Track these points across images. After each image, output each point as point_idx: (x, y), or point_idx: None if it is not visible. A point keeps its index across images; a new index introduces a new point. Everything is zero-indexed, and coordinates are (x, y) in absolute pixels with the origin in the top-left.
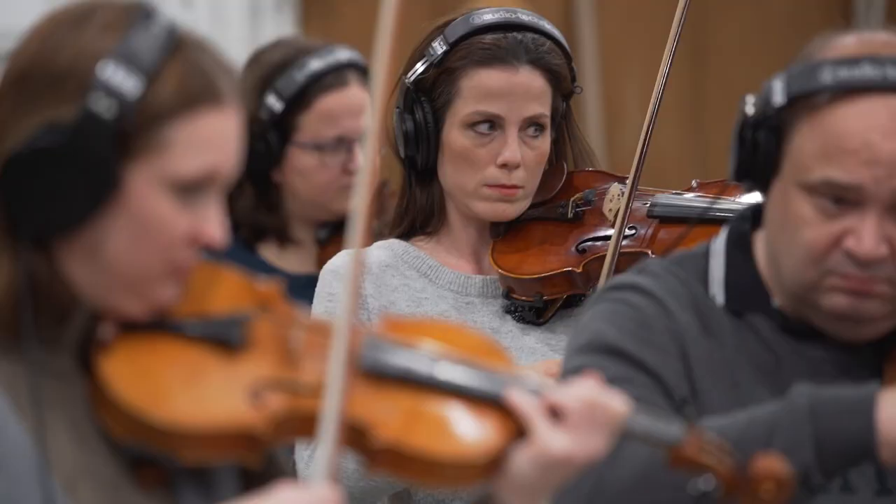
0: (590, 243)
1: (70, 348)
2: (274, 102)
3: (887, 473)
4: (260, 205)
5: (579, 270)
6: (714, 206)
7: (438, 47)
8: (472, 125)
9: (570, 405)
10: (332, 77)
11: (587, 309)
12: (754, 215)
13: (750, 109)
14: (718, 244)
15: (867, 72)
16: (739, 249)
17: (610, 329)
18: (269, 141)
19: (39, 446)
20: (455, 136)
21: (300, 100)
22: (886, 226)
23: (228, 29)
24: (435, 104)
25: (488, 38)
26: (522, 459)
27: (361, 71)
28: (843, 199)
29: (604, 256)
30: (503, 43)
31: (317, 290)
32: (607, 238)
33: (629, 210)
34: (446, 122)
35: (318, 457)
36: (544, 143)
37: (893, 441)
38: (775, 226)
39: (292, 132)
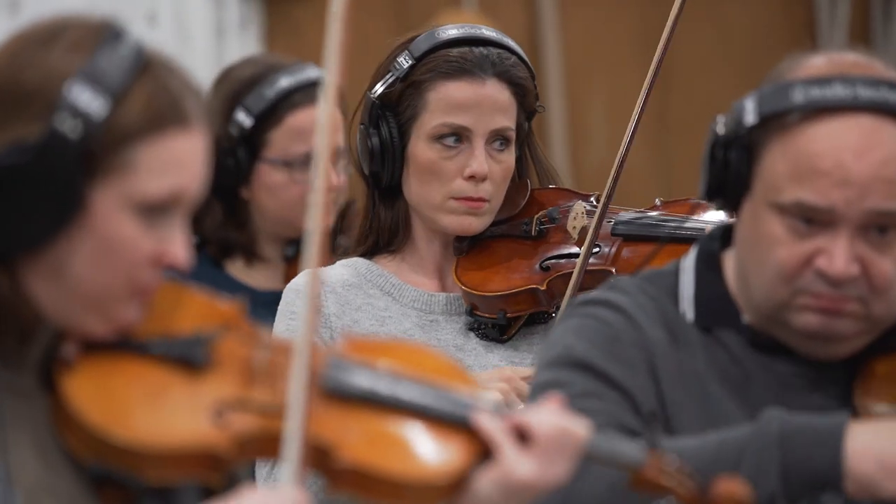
0: (554, 261)
1: (33, 367)
2: (243, 118)
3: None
4: (228, 221)
5: (543, 288)
6: (681, 224)
7: (404, 62)
8: (438, 138)
9: (538, 430)
10: (302, 94)
11: (558, 324)
12: (723, 234)
13: (721, 129)
14: (688, 262)
15: (838, 91)
16: (709, 267)
17: (579, 343)
18: (237, 157)
19: (2, 464)
20: (421, 149)
21: (270, 116)
22: (857, 245)
23: (193, 47)
24: (400, 119)
25: (454, 51)
26: (487, 482)
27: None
28: (814, 219)
29: (568, 274)
30: (469, 56)
31: (279, 307)
32: (571, 255)
33: (598, 228)
34: (412, 136)
35: (281, 476)
36: (510, 157)
37: (858, 475)
38: (746, 245)
39: (261, 148)
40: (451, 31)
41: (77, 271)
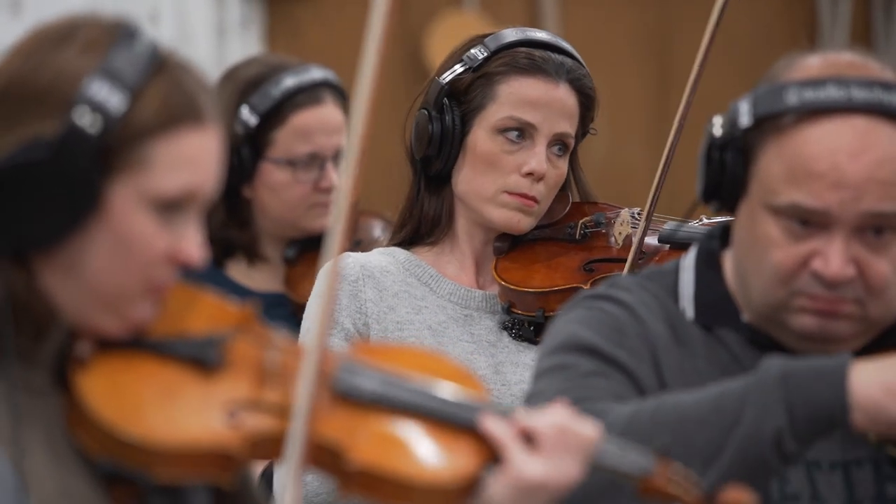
0: (598, 263)
1: (46, 365)
2: (248, 117)
3: (855, 486)
4: (230, 221)
5: (587, 287)
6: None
7: (479, 53)
8: (503, 130)
9: (543, 430)
10: (308, 94)
11: (559, 316)
12: (723, 234)
13: (717, 130)
14: (688, 261)
15: (832, 93)
16: (708, 267)
17: (584, 331)
18: (241, 155)
19: (17, 471)
20: (482, 139)
21: (275, 115)
22: (853, 246)
23: (195, 47)
24: (465, 108)
25: (531, 50)
26: (497, 486)
27: (335, 89)
28: (810, 221)
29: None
30: (547, 57)
31: (314, 290)
32: (615, 260)
33: (644, 234)
34: (474, 126)
35: (283, 476)
36: (565, 164)
37: (865, 404)
38: (743, 245)
39: (265, 147)
40: (528, 33)
41: (92, 268)
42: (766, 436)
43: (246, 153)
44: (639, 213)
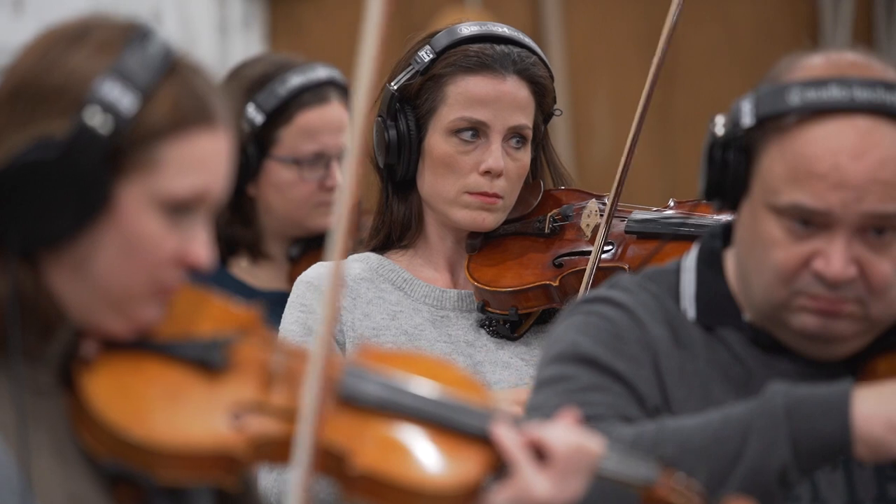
0: (567, 258)
1: (52, 365)
2: (254, 115)
3: (857, 486)
4: (234, 219)
5: (556, 284)
6: (688, 222)
7: (425, 55)
8: (456, 132)
9: (556, 448)
10: (313, 93)
11: (560, 321)
12: (725, 232)
13: (719, 129)
14: (689, 261)
15: (834, 93)
16: (710, 266)
17: (583, 339)
18: (247, 154)
19: (24, 473)
20: (438, 142)
21: (281, 114)
22: (855, 247)
23: (197, 45)
24: (419, 112)
25: (475, 47)
26: (502, 496)
27: (341, 88)
28: (811, 221)
29: (581, 271)
30: (491, 52)
31: (290, 299)
32: (584, 253)
33: (609, 225)
34: (429, 130)
35: (291, 481)
36: (525, 155)
37: (868, 438)
38: (745, 245)
39: (271, 146)
40: (473, 28)
41: (100, 268)
42: (771, 470)
43: (251, 151)
44: (604, 203)
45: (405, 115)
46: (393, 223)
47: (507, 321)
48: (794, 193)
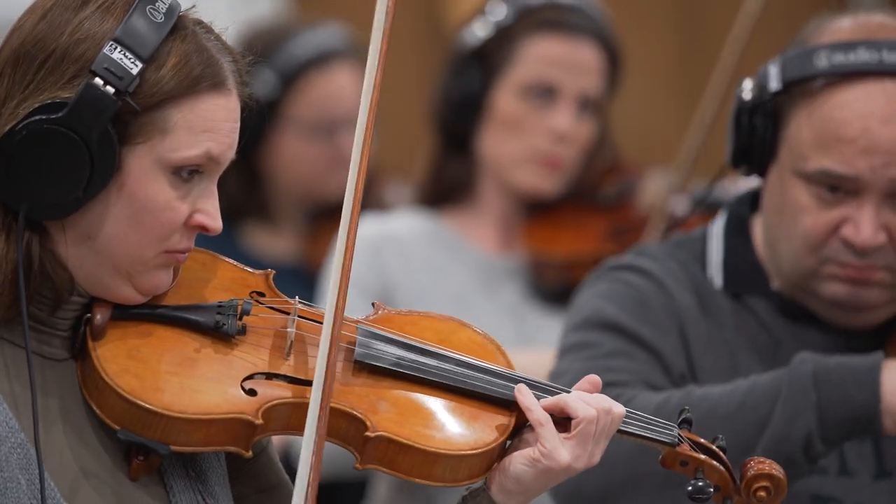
0: (625, 229)
1: (64, 333)
2: (268, 79)
3: (885, 456)
4: (241, 184)
5: (612, 253)
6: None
7: (500, 12)
8: (528, 92)
9: (579, 413)
10: (324, 60)
11: (584, 288)
12: (752, 199)
13: (746, 94)
14: (717, 228)
15: (863, 56)
16: (738, 233)
17: (608, 306)
18: (258, 119)
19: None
20: (507, 101)
21: (292, 80)
22: (884, 213)
23: (220, 6)
24: (488, 69)
25: (554, 9)
26: (522, 459)
27: (353, 55)
28: (840, 187)
29: (638, 242)
30: (570, 16)
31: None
32: (641, 227)
33: (668, 201)
34: (498, 88)
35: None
36: (592, 124)
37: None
38: (773, 211)
39: (282, 111)
40: None
41: (110, 234)
42: (795, 438)
43: (262, 117)
44: (666, 178)
45: (473, 70)
46: (446, 181)
47: (558, 288)
48: (822, 159)
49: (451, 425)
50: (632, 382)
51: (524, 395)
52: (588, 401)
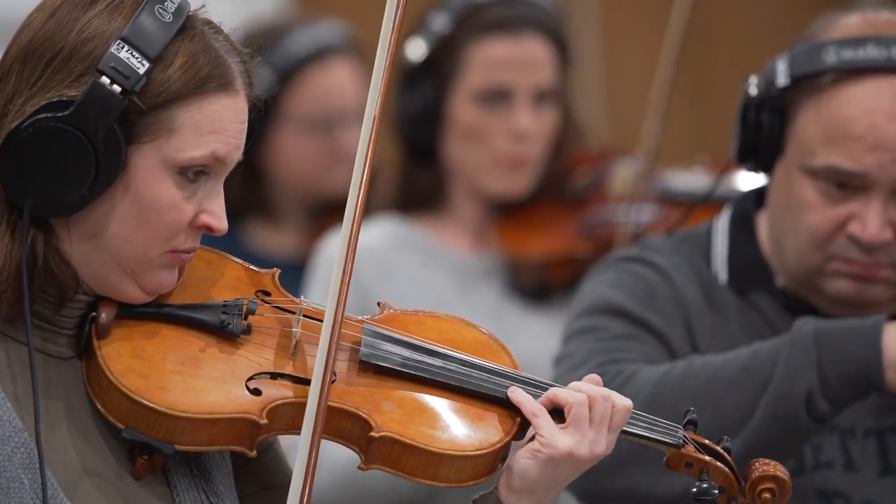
0: (596, 223)
1: (68, 332)
2: (266, 76)
3: (890, 453)
4: (241, 181)
5: (585, 250)
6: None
7: (441, 22)
8: (482, 97)
9: (574, 403)
10: (321, 56)
11: (590, 278)
12: (758, 195)
13: (753, 90)
14: (722, 223)
15: (871, 52)
16: (743, 229)
17: (615, 293)
18: (259, 116)
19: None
20: (464, 110)
21: (290, 76)
22: (891, 210)
23: (223, 4)
24: (438, 79)
25: (492, 9)
26: (526, 455)
27: (350, 51)
28: (847, 184)
29: (610, 237)
30: (508, 12)
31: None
32: (615, 218)
33: (638, 190)
34: (452, 98)
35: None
36: (552, 114)
37: None
38: (778, 207)
39: (281, 107)
40: None
41: (115, 233)
42: (796, 395)
43: (263, 114)
44: (634, 164)
45: (425, 83)
46: (415, 190)
47: (536, 287)
48: (829, 155)
49: (456, 426)
50: (638, 361)
51: (515, 391)
52: (578, 388)
